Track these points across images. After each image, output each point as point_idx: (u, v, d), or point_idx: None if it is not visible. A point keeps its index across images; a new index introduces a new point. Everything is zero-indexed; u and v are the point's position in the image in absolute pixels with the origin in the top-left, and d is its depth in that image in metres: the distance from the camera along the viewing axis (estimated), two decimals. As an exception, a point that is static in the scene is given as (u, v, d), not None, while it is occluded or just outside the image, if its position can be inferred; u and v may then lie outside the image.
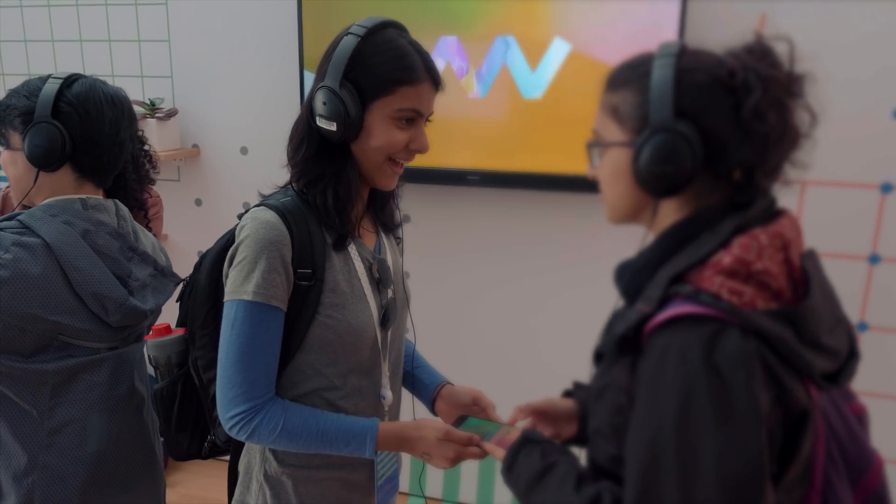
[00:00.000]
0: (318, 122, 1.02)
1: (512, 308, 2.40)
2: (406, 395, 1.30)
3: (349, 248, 1.09)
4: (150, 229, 1.77)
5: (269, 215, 1.01)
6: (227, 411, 1.02)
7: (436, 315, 2.39)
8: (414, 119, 1.04)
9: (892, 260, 2.05)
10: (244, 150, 2.56)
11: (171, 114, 2.51)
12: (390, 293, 1.16)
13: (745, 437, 0.65)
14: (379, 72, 0.99)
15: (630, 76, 0.78)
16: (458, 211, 2.38)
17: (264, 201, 1.06)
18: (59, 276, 1.15)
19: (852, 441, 0.76)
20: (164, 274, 1.36)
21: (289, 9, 2.31)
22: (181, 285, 1.18)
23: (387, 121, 1.02)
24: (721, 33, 0.78)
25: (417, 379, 1.28)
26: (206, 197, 2.66)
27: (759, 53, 0.73)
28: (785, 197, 0.80)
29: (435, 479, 2.58)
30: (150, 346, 1.16)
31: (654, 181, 0.75)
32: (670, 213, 0.78)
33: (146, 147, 1.91)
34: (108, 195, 1.33)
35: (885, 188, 2.02)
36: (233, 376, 1.01)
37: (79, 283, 1.17)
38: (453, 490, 2.57)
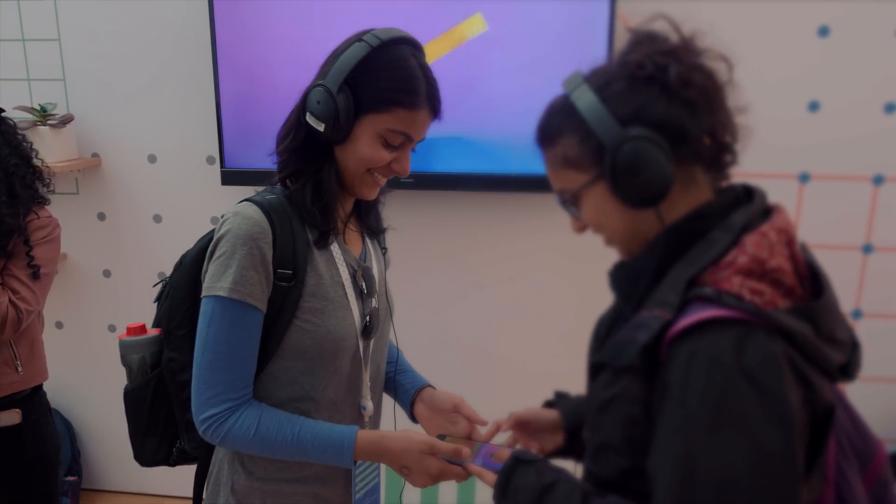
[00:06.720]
0: (307, 118, 1.00)
1: (479, 316, 2.33)
2: (387, 408, 1.24)
3: (334, 254, 1.07)
4: (31, 257, 1.58)
5: (252, 210, 1.00)
6: (201, 412, 0.99)
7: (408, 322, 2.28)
8: (403, 143, 1.03)
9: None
10: (152, 158, 2.36)
11: (66, 120, 2.28)
12: (374, 302, 1.12)
13: (780, 440, 0.64)
14: (381, 87, 0.98)
15: (558, 124, 0.78)
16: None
17: (249, 198, 1.04)
18: None
19: (856, 429, 0.76)
20: None
21: None
22: (159, 286, 1.13)
23: (375, 136, 1.01)
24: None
25: (399, 384, 1.24)
26: (109, 210, 2.41)
27: (646, 40, 0.75)
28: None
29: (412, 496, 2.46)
30: (123, 346, 1.10)
31: (642, 192, 0.73)
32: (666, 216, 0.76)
33: (34, 161, 1.69)
34: None
35: (803, 178, 2.10)
36: (208, 376, 0.99)
37: None
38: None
